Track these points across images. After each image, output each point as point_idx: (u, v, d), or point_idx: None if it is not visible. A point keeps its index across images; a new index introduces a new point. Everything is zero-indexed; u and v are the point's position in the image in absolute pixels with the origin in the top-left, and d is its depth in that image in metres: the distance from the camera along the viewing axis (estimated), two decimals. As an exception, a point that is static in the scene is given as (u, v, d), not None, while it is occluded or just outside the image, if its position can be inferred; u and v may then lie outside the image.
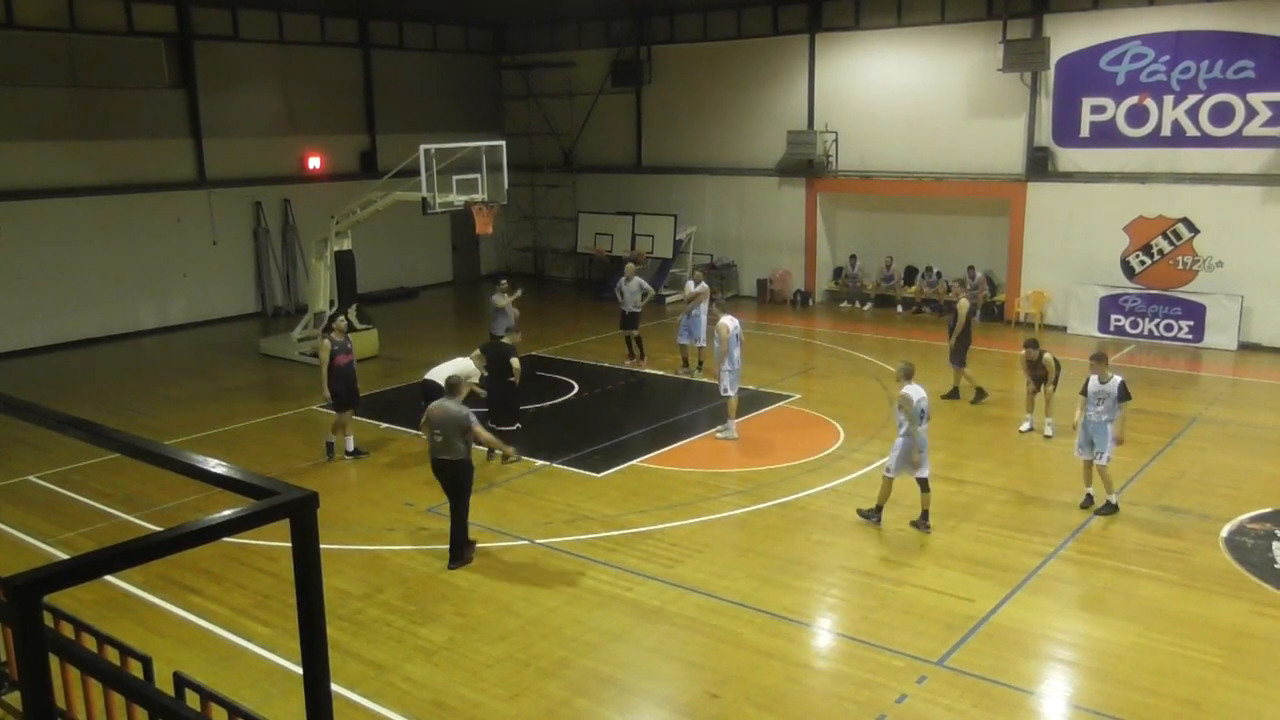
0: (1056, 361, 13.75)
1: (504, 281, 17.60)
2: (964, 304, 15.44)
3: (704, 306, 16.85)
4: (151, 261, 21.98)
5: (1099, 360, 11.24)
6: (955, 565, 9.95)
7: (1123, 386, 10.97)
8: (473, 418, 9.97)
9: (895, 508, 11.47)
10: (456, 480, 10.06)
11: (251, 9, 22.94)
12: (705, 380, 16.52)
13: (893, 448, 10.87)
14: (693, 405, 15.81)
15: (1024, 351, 13.84)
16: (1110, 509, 11.13)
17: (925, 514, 10.78)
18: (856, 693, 7.77)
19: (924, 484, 10.76)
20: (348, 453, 13.46)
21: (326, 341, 13.31)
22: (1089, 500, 11.28)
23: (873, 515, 10.98)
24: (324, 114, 24.86)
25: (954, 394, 15.68)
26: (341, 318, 14.17)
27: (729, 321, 13.93)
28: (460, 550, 10.17)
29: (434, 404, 10.18)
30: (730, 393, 13.92)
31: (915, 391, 10.61)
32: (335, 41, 25.07)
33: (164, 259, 22.19)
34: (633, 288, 17.88)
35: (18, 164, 19.80)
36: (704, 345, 17.02)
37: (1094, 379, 11.11)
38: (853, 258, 23.96)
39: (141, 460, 3.85)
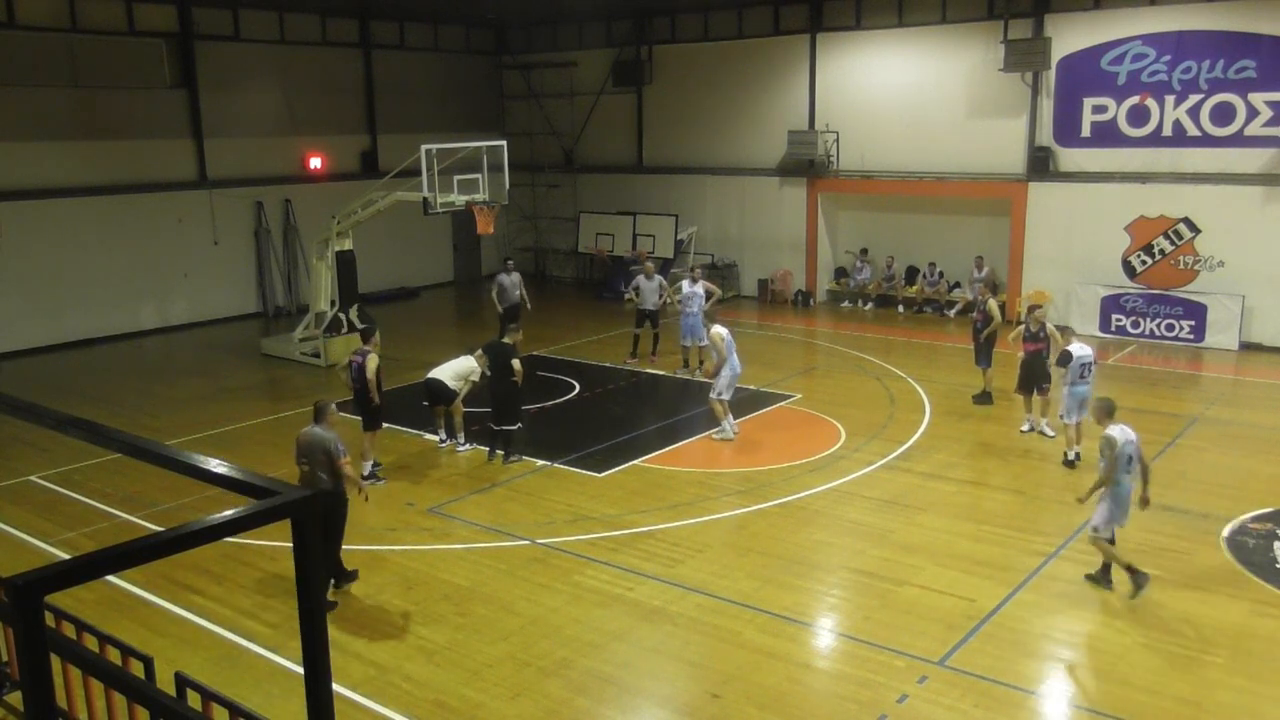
0: (1058, 329, 13.90)
1: (510, 262, 19.18)
2: (994, 304, 15.40)
3: (699, 305, 16.88)
4: (152, 261, 22.00)
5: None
6: (955, 565, 9.95)
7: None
8: (339, 447, 9.09)
9: (898, 508, 11.48)
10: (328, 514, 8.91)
11: (252, 9, 22.94)
12: (706, 380, 16.50)
13: (1100, 501, 9.28)
14: (693, 405, 15.80)
15: (1028, 312, 14.58)
16: (1072, 464, 12.62)
17: (1108, 568, 9.39)
18: (857, 692, 7.77)
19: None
20: (367, 475, 12.47)
21: (375, 356, 12.37)
22: (1075, 458, 12.64)
23: (1141, 582, 9.11)
24: (325, 114, 24.87)
25: (986, 397, 15.54)
26: (377, 332, 13.19)
27: (721, 330, 14.01)
28: (339, 574, 9.54)
29: (303, 430, 9.36)
30: (725, 396, 13.90)
31: (1121, 433, 9.17)
32: (336, 41, 25.08)
33: (165, 259, 22.20)
34: (652, 285, 17.95)
35: (18, 164, 19.81)
36: (705, 344, 17.05)
37: (1078, 347, 12.60)
38: (864, 250, 23.86)
39: (142, 460, 3.85)
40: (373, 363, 12.27)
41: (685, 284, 17.40)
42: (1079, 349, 12.64)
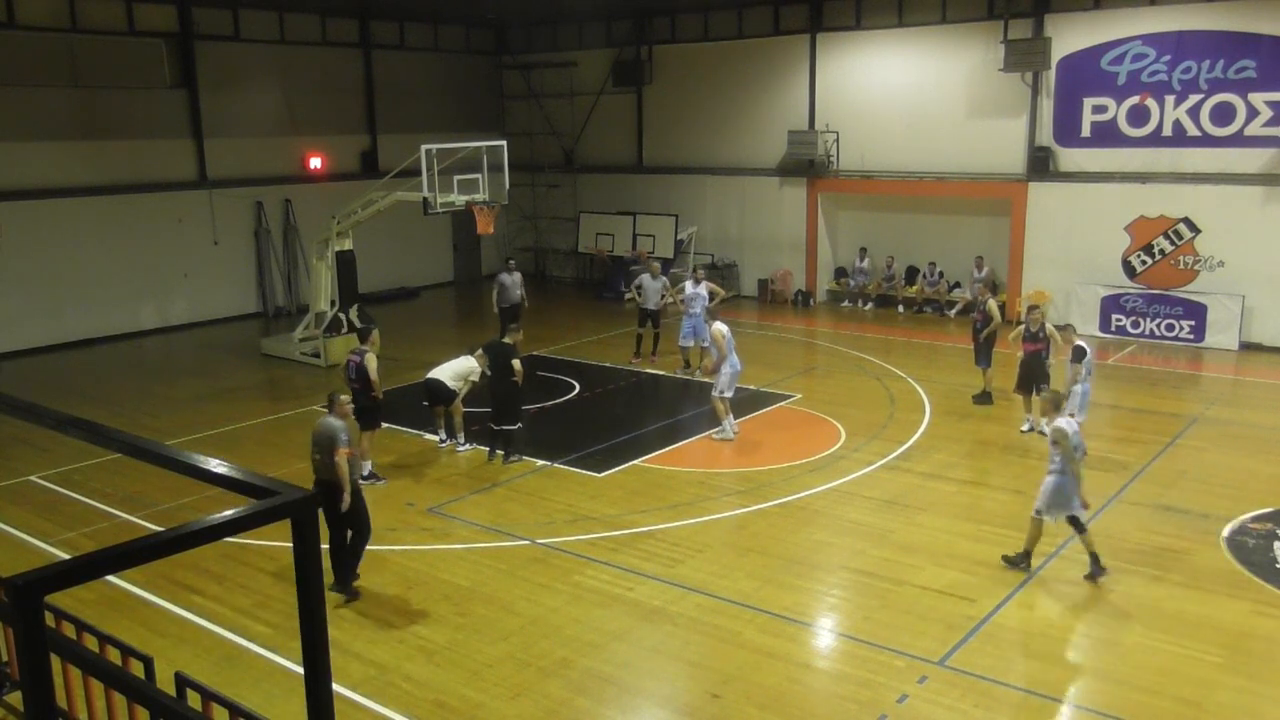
0: (1058, 328, 13.85)
1: (511, 261, 19.51)
2: (993, 304, 15.40)
3: (702, 305, 16.88)
4: (152, 261, 21.99)
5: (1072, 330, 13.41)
6: (955, 565, 9.95)
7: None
8: (342, 438, 9.08)
9: (898, 508, 11.49)
10: (335, 505, 9.06)
11: (252, 9, 22.94)
12: (706, 380, 16.50)
13: (1042, 487, 9.65)
14: (693, 405, 15.80)
15: (1027, 312, 14.56)
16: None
17: (1095, 557, 9.56)
18: (857, 692, 7.77)
19: (1078, 524, 9.62)
20: (366, 476, 12.21)
21: (373, 355, 12.32)
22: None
23: (1021, 561, 9.79)
24: (325, 114, 24.87)
25: (986, 397, 15.54)
26: (377, 330, 13.21)
27: (722, 327, 14.05)
28: (344, 575, 9.36)
29: (318, 421, 9.40)
30: (728, 394, 13.93)
31: (1070, 425, 9.63)
32: (336, 41, 25.07)
33: (165, 259, 22.20)
34: (656, 285, 18.00)
35: (18, 164, 19.81)
36: (707, 345, 17.07)
37: (1087, 345, 12.73)
38: (863, 250, 23.84)
39: (143, 460, 3.86)
40: (371, 362, 12.26)
41: (688, 285, 17.41)
42: (1086, 346, 12.81)
